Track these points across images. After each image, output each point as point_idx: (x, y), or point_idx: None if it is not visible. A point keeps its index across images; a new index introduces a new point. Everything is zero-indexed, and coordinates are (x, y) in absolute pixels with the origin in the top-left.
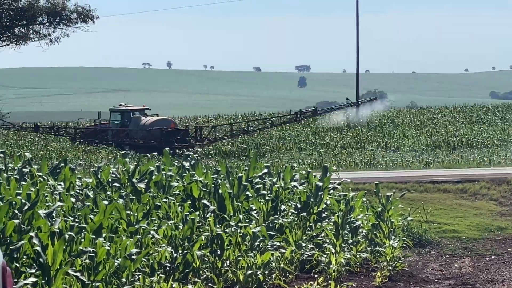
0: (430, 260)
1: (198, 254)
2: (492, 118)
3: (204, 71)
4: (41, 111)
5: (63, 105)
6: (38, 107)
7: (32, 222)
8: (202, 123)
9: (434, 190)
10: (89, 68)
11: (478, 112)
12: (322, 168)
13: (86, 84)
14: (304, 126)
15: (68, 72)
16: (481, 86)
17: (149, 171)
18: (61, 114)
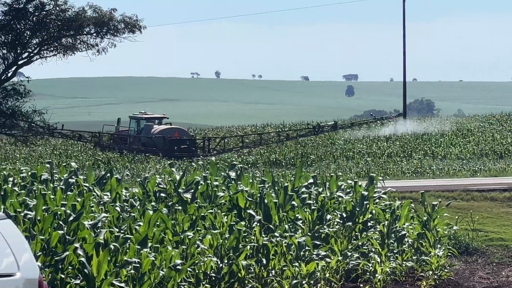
0: (477, 268)
1: (243, 264)
2: None
3: (252, 80)
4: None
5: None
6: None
7: (77, 233)
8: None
9: (481, 199)
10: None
11: None
12: (368, 177)
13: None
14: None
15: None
16: None
17: (195, 181)
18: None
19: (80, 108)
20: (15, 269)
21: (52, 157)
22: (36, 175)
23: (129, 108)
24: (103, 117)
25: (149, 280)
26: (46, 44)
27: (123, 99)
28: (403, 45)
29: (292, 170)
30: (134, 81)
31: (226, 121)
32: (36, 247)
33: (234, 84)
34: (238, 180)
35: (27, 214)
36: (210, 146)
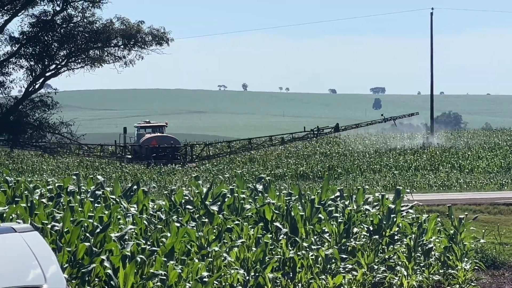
0: (504, 282)
1: (270, 277)
2: None
3: (279, 93)
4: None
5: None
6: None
7: (103, 245)
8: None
9: (508, 212)
10: (165, 90)
11: None
12: (395, 190)
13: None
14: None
15: (144, 94)
16: None
17: (222, 194)
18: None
19: (107, 120)
20: (42, 281)
21: (79, 169)
22: (63, 187)
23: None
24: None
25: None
26: (74, 56)
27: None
28: (431, 58)
29: (319, 183)
30: (161, 93)
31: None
32: (63, 259)
33: (261, 96)
34: (265, 193)
35: (54, 226)
36: (193, 153)
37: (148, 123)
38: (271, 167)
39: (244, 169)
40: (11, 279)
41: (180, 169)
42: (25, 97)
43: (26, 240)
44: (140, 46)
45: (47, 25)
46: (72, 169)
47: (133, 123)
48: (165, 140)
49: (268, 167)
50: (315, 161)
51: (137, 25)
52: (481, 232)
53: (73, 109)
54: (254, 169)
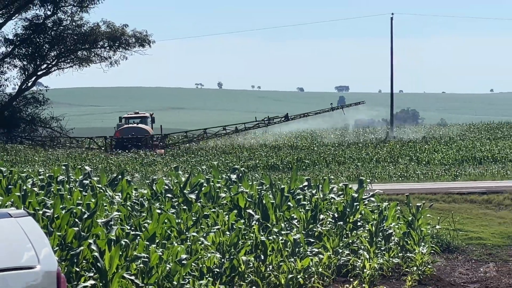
0: (457, 265)
1: (243, 260)
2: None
3: (252, 91)
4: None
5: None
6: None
7: (91, 229)
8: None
9: (462, 201)
10: (147, 88)
11: (502, 129)
12: (358, 181)
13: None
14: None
15: (127, 92)
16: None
17: (200, 183)
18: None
19: (94, 115)
20: (35, 262)
21: (68, 160)
22: (53, 176)
23: None
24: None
25: (157, 274)
26: (63, 57)
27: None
28: (391, 59)
29: (288, 174)
30: (143, 91)
31: None
32: (53, 242)
33: (235, 94)
34: (238, 182)
35: (46, 212)
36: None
37: (137, 113)
38: (244, 158)
39: (219, 161)
40: (7, 260)
41: (160, 161)
42: (19, 94)
43: (21, 224)
44: (124, 48)
45: (39, 28)
46: (61, 160)
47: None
48: (130, 130)
49: (242, 159)
50: (285, 153)
51: (121, 28)
52: (437, 219)
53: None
54: (229, 160)
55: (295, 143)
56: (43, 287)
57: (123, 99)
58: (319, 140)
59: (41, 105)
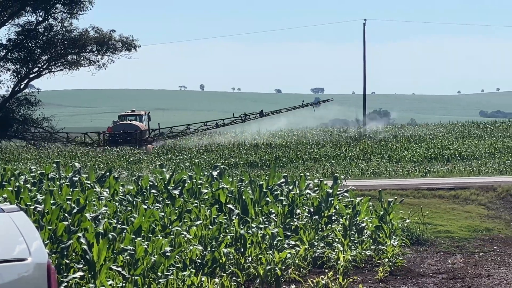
0: (426, 257)
1: (224, 252)
2: (481, 134)
3: (232, 92)
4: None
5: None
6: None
7: (80, 224)
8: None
9: (431, 196)
10: (133, 90)
11: (469, 128)
12: (333, 177)
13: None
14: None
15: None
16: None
17: (183, 180)
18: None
19: (83, 116)
20: (27, 254)
21: (59, 158)
22: (45, 173)
23: None
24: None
25: (142, 265)
26: (54, 60)
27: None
28: (364, 62)
29: (266, 171)
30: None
31: None
32: (44, 236)
33: (216, 95)
34: (219, 179)
35: (37, 207)
36: (141, 137)
37: (133, 111)
38: (225, 156)
39: (201, 159)
40: (0, 252)
41: (146, 159)
42: (12, 96)
43: (13, 219)
44: (112, 52)
45: (31, 33)
46: (53, 158)
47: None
48: (122, 127)
49: (222, 157)
50: (263, 151)
51: (109, 33)
52: (407, 213)
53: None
54: (210, 158)
55: (273, 142)
56: (34, 277)
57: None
58: (295, 139)
59: (33, 106)
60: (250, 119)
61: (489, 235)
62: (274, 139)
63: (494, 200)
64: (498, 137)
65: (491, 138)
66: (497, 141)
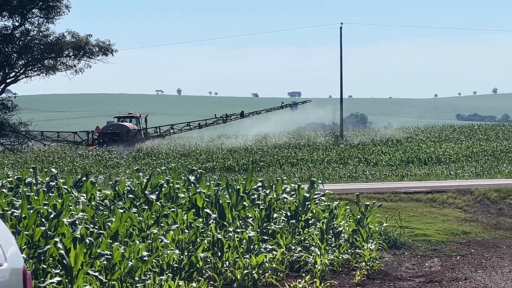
0: (403, 260)
1: (201, 256)
2: (458, 137)
3: (209, 97)
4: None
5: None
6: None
7: (57, 229)
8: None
9: (408, 200)
10: (110, 94)
11: (446, 132)
12: (310, 181)
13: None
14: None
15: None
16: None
17: (160, 184)
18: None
19: (60, 120)
20: (2, 260)
21: (36, 163)
22: (22, 178)
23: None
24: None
25: (119, 270)
26: (31, 65)
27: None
28: (340, 66)
29: (243, 175)
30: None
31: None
32: (21, 241)
33: (193, 100)
34: (196, 183)
35: (14, 212)
36: (128, 137)
37: (130, 114)
38: (202, 161)
39: (178, 163)
40: None
41: (123, 163)
42: None
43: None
44: (88, 56)
45: (7, 38)
46: (30, 163)
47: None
48: (109, 127)
49: (200, 161)
50: (240, 156)
51: (85, 38)
52: (385, 217)
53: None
54: (187, 163)
55: (250, 146)
56: (10, 283)
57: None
58: (273, 142)
59: (10, 111)
60: (231, 119)
61: (466, 238)
62: (251, 143)
63: (471, 203)
64: (475, 141)
65: (468, 142)
66: (474, 145)
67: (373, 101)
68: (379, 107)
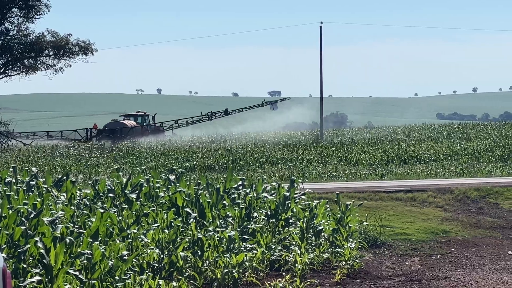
0: (384, 259)
1: (181, 255)
2: (438, 136)
3: (189, 96)
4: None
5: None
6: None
7: (37, 228)
8: None
9: (388, 199)
10: (90, 94)
11: (426, 131)
12: (290, 180)
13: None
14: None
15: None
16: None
17: (140, 183)
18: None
19: (41, 120)
20: None
21: (16, 162)
22: (1, 178)
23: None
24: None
25: (100, 269)
26: (11, 65)
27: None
28: (320, 65)
29: (224, 174)
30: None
31: None
32: (1, 240)
33: (173, 99)
34: (177, 182)
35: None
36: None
37: (137, 112)
38: (182, 160)
39: (158, 162)
40: None
41: (103, 162)
42: None
43: None
44: (68, 56)
45: None
46: (10, 163)
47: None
48: (110, 125)
49: (180, 160)
50: (221, 155)
51: (65, 37)
52: (365, 216)
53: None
54: (167, 162)
55: (230, 146)
56: None
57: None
58: (253, 142)
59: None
60: (216, 117)
61: (447, 237)
62: (231, 143)
63: (451, 202)
64: (455, 139)
65: (448, 141)
66: (454, 143)
67: (353, 100)
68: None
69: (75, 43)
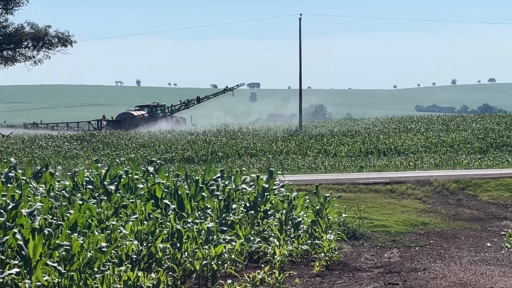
0: (363, 251)
1: (160, 247)
2: (417, 128)
3: (168, 88)
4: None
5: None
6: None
7: (15, 220)
8: None
9: (367, 191)
10: (69, 86)
11: (405, 123)
12: (268, 172)
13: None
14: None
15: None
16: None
17: (119, 175)
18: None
19: (20, 111)
20: None
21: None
22: None
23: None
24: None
25: (78, 261)
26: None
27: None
28: (299, 57)
29: (202, 166)
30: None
31: None
32: None
33: (152, 91)
34: (155, 174)
35: None
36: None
37: (154, 103)
38: (161, 152)
39: (137, 154)
40: None
41: (82, 154)
42: None
43: None
44: (48, 47)
45: None
46: None
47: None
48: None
49: (159, 152)
50: (200, 147)
51: (44, 29)
52: (344, 208)
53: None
54: (146, 153)
55: (209, 138)
56: None
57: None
58: (232, 133)
59: None
60: (192, 104)
61: (425, 229)
62: (210, 134)
63: (430, 194)
64: (434, 132)
65: (427, 133)
66: (432, 136)
67: (332, 92)
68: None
69: (54, 34)
